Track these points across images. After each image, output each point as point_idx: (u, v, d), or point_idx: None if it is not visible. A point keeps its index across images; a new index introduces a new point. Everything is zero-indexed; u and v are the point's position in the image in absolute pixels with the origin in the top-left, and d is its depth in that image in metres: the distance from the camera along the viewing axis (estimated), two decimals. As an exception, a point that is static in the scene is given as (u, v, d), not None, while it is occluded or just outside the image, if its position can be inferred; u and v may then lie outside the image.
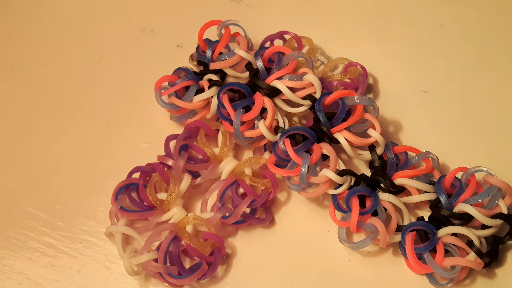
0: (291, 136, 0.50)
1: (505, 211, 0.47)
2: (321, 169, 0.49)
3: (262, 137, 0.51)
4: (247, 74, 0.54)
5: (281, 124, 0.52)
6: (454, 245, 0.47)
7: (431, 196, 0.49)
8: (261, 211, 0.52)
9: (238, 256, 0.50)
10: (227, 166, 0.51)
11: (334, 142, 0.50)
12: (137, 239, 0.49)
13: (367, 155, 0.51)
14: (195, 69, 0.56)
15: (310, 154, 0.49)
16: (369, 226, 0.48)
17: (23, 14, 0.64)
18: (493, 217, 0.47)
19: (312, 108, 0.51)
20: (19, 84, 0.60)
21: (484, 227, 0.48)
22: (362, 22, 0.62)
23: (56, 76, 0.60)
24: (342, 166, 0.50)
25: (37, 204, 0.53)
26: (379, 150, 0.50)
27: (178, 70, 0.55)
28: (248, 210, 0.50)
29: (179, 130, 0.54)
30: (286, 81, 0.51)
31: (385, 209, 0.48)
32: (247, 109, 0.51)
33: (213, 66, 0.54)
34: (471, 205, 0.47)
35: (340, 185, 0.49)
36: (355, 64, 0.55)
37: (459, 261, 0.46)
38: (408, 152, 0.51)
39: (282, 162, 0.50)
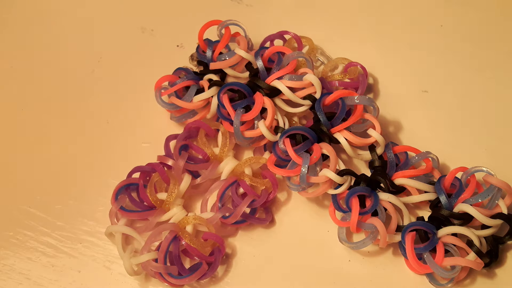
0: (291, 136, 0.50)
1: (505, 211, 0.47)
2: (321, 169, 0.49)
3: (262, 137, 0.51)
4: (247, 74, 0.54)
5: (281, 124, 0.52)
6: (454, 245, 0.47)
7: (431, 196, 0.49)
8: (261, 211, 0.52)
9: (238, 256, 0.50)
10: (227, 166, 0.51)
11: (334, 142, 0.50)
12: (137, 239, 0.49)
13: (367, 155, 0.51)
14: (195, 69, 0.56)
15: (310, 154, 0.49)
16: (369, 226, 0.48)
17: (23, 14, 0.64)
18: (493, 217, 0.47)
19: (312, 108, 0.51)
20: (19, 84, 0.60)
21: (484, 227, 0.48)
22: (362, 22, 0.62)
23: (56, 76, 0.60)
24: (342, 166, 0.50)
25: (37, 204, 0.53)
26: (379, 150, 0.50)
27: (178, 70, 0.55)
28: (248, 210, 0.50)
29: (179, 130, 0.54)
30: (286, 81, 0.51)
31: (385, 209, 0.49)
32: (247, 109, 0.51)
33: (213, 66, 0.54)
34: (471, 205, 0.47)
35: (340, 185, 0.49)
36: (355, 64, 0.55)
37: (459, 261, 0.46)
38: (408, 152, 0.51)
39: (282, 162, 0.50)
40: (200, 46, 0.55)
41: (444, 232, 0.47)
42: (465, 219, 0.47)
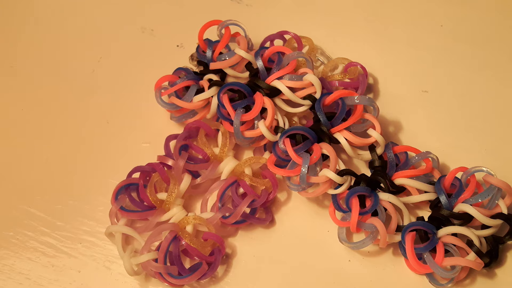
0: (291, 136, 0.50)
1: (505, 211, 0.47)
2: (321, 169, 0.49)
3: (262, 137, 0.51)
4: (247, 74, 0.54)
5: (281, 124, 0.52)
6: (454, 245, 0.47)
7: (431, 196, 0.49)
8: (261, 211, 0.52)
9: (238, 256, 0.50)
10: (227, 166, 0.51)
11: (334, 142, 0.50)
12: (137, 239, 0.49)
13: (367, 155, 0.51)
14: (195, 69, 0.56)
15: (310, 154, 0.49)
16: (369, 226, 0.48)
17: (23, 14, 0.64)
18: (493, 217, 0.47)
19: (312, 108, 0.51)
20: (19, 84, 0.60)
21: (484, 227, 0.48)
22: (362, 22, 0.62)
23: (56, 76, 0.60)
24: (342, 166, 0.50)
25: (37, 204, 0.53)
26: (379, 150, 0.50)
27: (178, 70, 0.55)
28: (248, 210, 0.50)
29: (179, 130, 0.54)
30: (286, 81, 0.51)
31: (385, 209, 0.49)
32: (247, 109, 0.51)
33: (213, 66, 0.54)
34: (471, 205, 0.47)
35: (340, 185, 0.49)
36: (355, 64, 0.55)
37: (459, 261, 0.46)
38: (408, 152, 0.51)
39: (282, 162, 0.50)
40: (200, 46, 0.55)
41: (444, 232, 0.47)
42: (465, 219, 0.47)
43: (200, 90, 0.53)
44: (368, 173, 0.51)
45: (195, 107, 0.53)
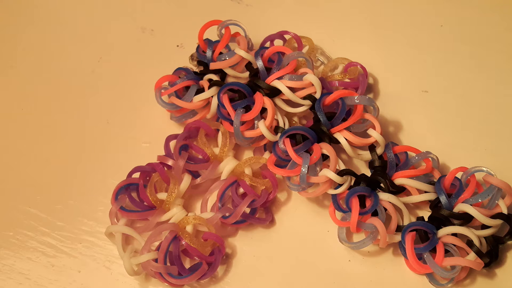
0: (291, 136, 0.50)
1: (505, 211, 0.47)
2: (321, 169, 0.49)
3: (262, 137, 0.51)
4: (247, 74, 0.54)
5: (281, 124, 0.52)
6: (454, 245, 0.47)
7: (431, 196, 0.49)
8: (261, 211, 0.52)
9: (238, 256, 0.50)
10: (227, 166, 0.51)
11: (334, 142, 0.50)
12: (137, 239, 0.49)
13: (367, 155, 0.51)
14: (195, 69, 0.56)
15: (310, 154, 0.49)
16: (369, 226, 0.48)
17: (23, 14, 0.64)
18: (493, 217, 0.47)
19: (312, 108, 0.51)
20: (19, 84, 0.60)
21: (484, 227, 0.48)
22: (362, 22, 0.62)
23: (56, 76, 0.60)
24: (342, 166, 0.50)
25: (37, 204, 0.53)
26: (379, 150, 0.50)
27: (178, 70, 0.55)
28: (248, 210, 0.50)
29: (179, 130, 0.54)
30: (286, 81, 0.51)
31: (385, 209, 0.49)
32: (247, 109, 0.51)
33: (213, 66, 0.54)
34: (471, 205, 0.47)
35: (340, 185, 0.49)
36: (355, 64, 0.55)
37: (459, 261, 0.46)
38: (408, 152, 0.51)
39: (282, 162, 0.50)
40: (200, 46, 0.55)
41: (444, 232, 0.47)
42: (465, 219, 0.47)
43: (200, 90, 0.53)
44: (368, 173, 0.51)
45: (195, 107, 0.53)
